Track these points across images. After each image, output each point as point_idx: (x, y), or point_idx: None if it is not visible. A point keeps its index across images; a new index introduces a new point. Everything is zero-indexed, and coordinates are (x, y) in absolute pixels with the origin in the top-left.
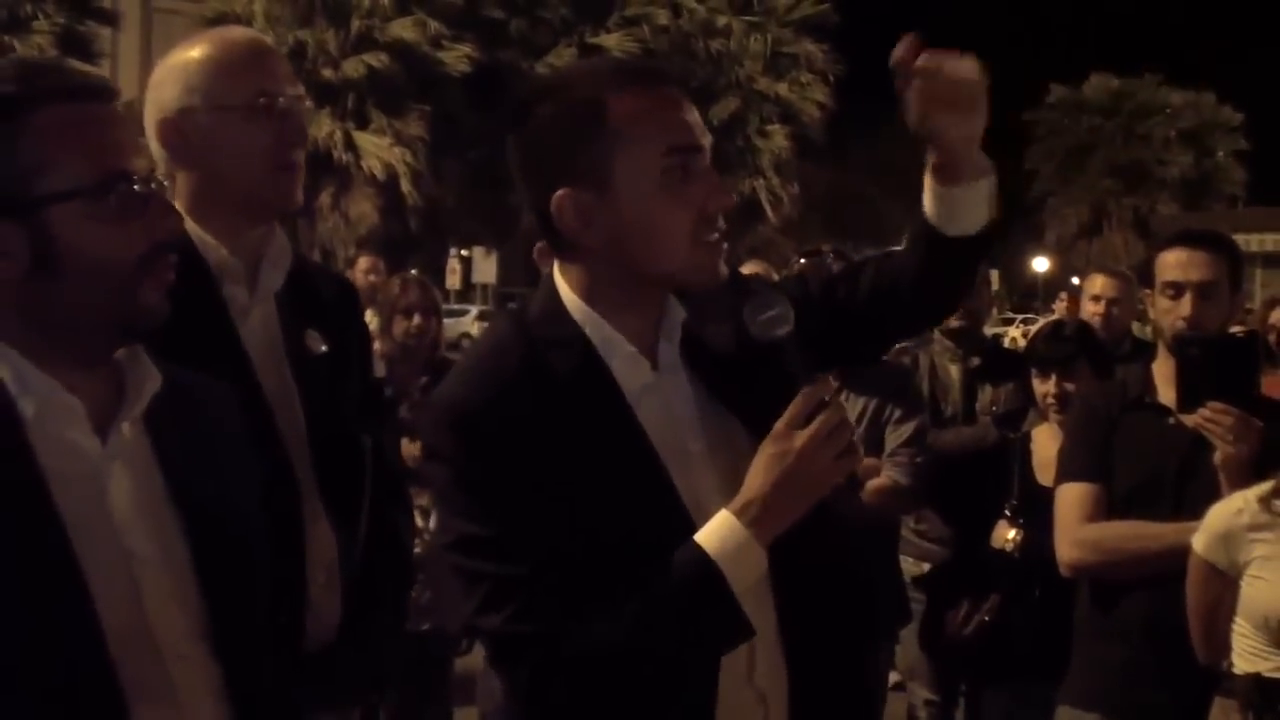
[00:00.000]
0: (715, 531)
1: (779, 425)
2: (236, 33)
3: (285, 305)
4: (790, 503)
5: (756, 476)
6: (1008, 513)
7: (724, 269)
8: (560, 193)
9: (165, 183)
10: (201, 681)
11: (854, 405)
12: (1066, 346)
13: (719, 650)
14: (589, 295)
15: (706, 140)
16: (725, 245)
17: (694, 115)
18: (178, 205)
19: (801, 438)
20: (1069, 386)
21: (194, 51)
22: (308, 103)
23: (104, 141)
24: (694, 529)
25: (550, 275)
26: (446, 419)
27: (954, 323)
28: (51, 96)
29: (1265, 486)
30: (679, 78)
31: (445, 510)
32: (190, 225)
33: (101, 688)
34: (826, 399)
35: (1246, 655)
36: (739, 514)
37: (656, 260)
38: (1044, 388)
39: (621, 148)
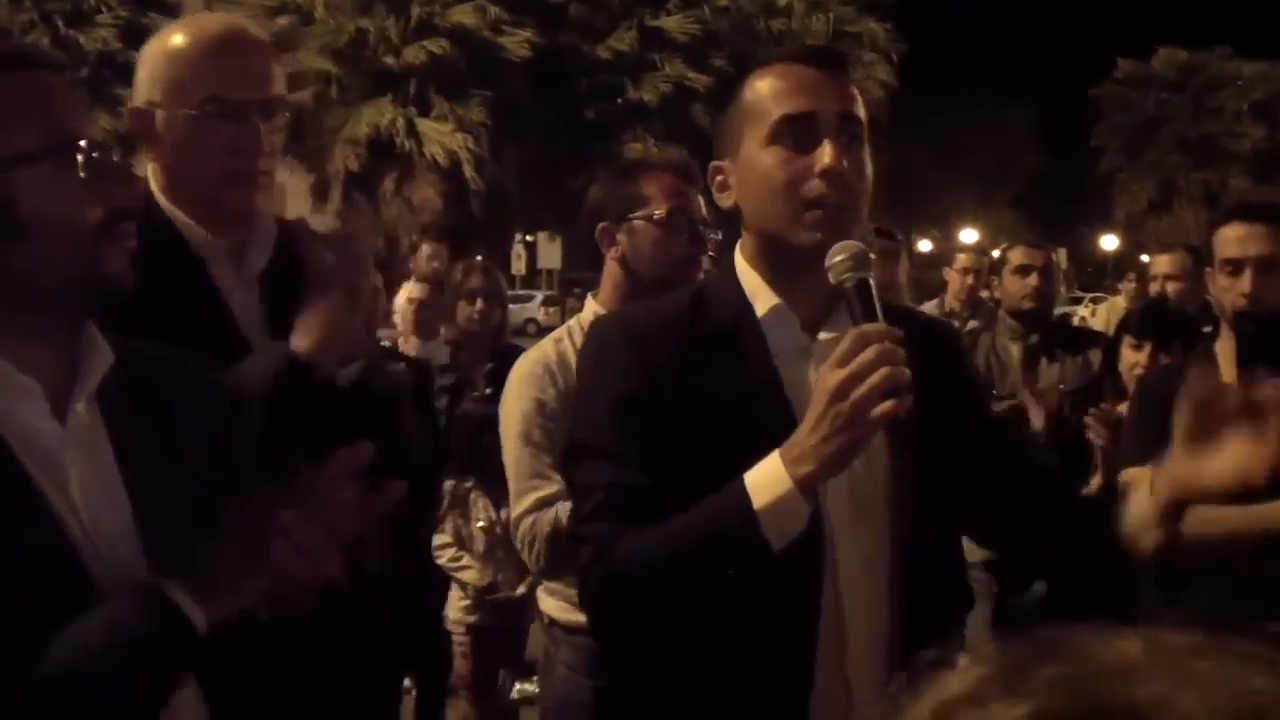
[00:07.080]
0: (762, 465)
1: (824, 365)
2: (212, 24)
3: (269, 284)
4: (826, 442)
5: (805, 417)
6: None
7: (833, 237)
8: (712, 164)
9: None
10: None
11: None
12: (1169, 322)
13: (745, 576)
14: (751, 259)
15: (831, 111)
16: (838, 213)
17: (821, 89)
18: (155, 188)
19: (836, 376)
20: (1164, 360)
21: (166, 40)
22: (290, 95)
23: (61, 107)
24: None
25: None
26: (590, 334)
27: (1026, 304)
28: (4, 64)
29: None
30: (834, 56)
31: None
32: (167, 206)
33: None
34: (877, 339)
35: None
36: (783, 452)
37: (764, 221)
38: (1136, 357)
39: (746, 118)
